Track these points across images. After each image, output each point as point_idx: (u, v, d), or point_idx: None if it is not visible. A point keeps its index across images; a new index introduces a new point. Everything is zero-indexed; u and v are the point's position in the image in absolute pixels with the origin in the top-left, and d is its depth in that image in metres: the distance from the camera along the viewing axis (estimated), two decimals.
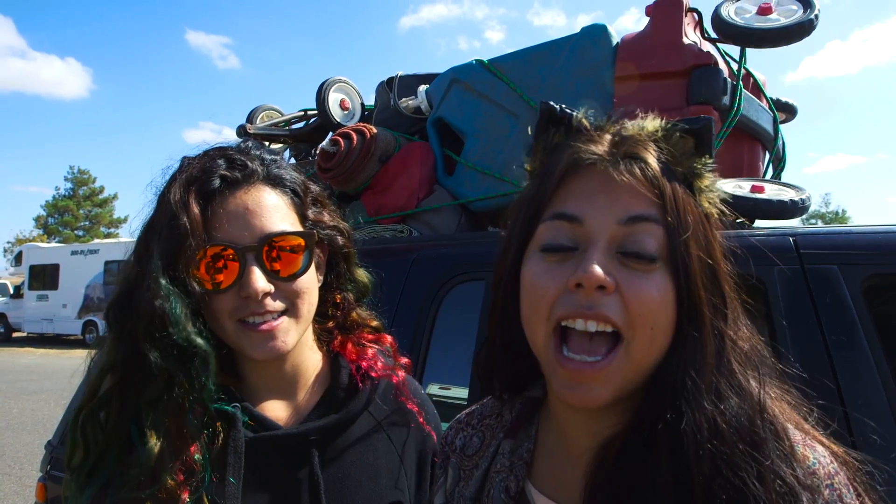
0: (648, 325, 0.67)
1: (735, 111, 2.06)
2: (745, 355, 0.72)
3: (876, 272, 1.43)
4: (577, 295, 0.67)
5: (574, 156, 0.73)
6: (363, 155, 2.52)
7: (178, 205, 0.86)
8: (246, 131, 3.11)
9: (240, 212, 0.89)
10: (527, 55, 2.38)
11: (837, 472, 0.68)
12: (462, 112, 2.53)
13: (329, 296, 1.06)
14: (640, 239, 0.68)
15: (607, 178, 0.70)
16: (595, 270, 0.65)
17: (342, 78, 3.06)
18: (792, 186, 2.11)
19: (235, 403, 0.91)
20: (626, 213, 0.68)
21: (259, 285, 0.87)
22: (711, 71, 2.03)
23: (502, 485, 0.81)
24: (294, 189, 0.97)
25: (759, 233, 1.68)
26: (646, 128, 0.75)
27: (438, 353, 1.94)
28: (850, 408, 1.31)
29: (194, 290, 0.86)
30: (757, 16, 2.07)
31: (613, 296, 0.67)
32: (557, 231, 0.71)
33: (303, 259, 0.93)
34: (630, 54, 2.14)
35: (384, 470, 1.01)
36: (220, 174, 0.90)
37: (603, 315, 0.67)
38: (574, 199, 0.71)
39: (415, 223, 2.54)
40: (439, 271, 1.96)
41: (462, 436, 0.93)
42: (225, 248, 0.87)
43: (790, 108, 2.91)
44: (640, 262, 0.68)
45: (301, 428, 0.95)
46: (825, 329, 1.39)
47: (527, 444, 0.84)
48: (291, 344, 0.92)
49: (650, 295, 0.67)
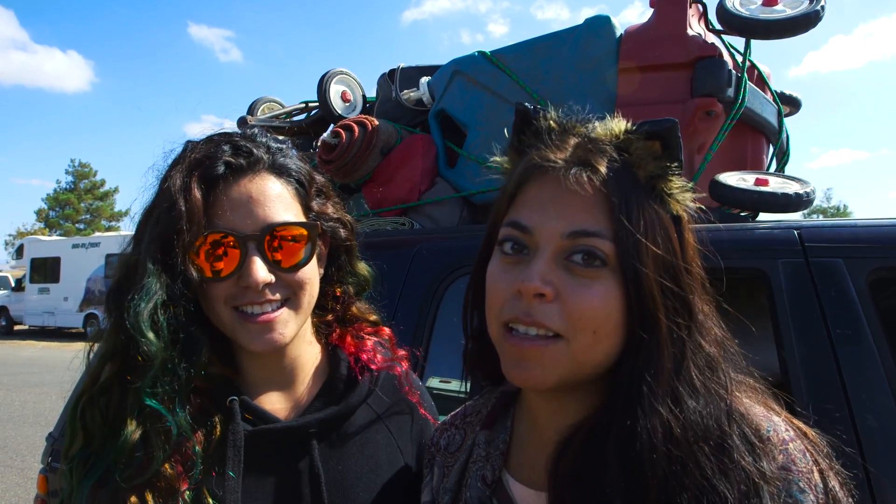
0: (590, 329, 0.70)
1: (739, 103, 2.05)
2: (710, 358, 0.73)
3: (881, 265, 1.42)
4: (520, 301, 0.71)
5: (531, 162, 0.76)
6: (365, 147, 2.51)
7: (178, 190, 0.85)
8: (246, 123, 3.10)
9: (243, 199, 0.88)
10: (530, 47, 2.36)
11: (793, 440, 0.70)
12: (464, 104, 2.51)
13: (329, 288, 1.05)
14: (585, 249, 0.70)
15: (559, 187, 0.72)
16: (532, 281, 0.69)
17: (343, 70, 3.04)
18: (796, 179, 2.10)
19: (233, 397, 0.90)
20: (571, 227, 0.71)
21: (260, 275, 0.86)
22: (716, 63, 2.01)
23: (479, 474, 0.85)
24: (299, 179, 0.96)
25: (764, 226, 1.67)
26: (612, 129, 0.76)
27: (440, 346, 1.93)
28: (854, 402, 1.30)
29: (192, 277, 0.84)
30: (762, 7, 2.05)
31: (553, 303, 0.70)
32: (511, 236, 0.75)
33: (305, 250, 0.91)
34: (634, 46, 2.12)
35: (385, 462, 1.00)
36: (225, 160, 0.88)
37: (538, 322, 0.70)
38: (528, 208, 0.75)
39: (416, 216, 2.52)
40: (441, 264, 1.96)
41: (446, 436, 0.96)
42: (226, 236, 0.86)
43: (794, 101, 2.89)
44: (584, 270, 0.70)
45: (300, 421, 0.94)
46: (830, 323, 1.39)
47: (503, 435, 0.87)
48: (290, 336, 0.91)
49: (591, 302, 0.70)
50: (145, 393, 0.81)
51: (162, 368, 0.81)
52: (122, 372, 0.83)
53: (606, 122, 0.77)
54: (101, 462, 0.81)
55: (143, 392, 0.81)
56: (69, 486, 0.83)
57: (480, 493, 0.83)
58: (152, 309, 0.82)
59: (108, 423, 0.82)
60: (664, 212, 0.74)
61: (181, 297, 0.84)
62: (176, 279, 0.84)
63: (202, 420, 0.87)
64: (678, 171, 0.75)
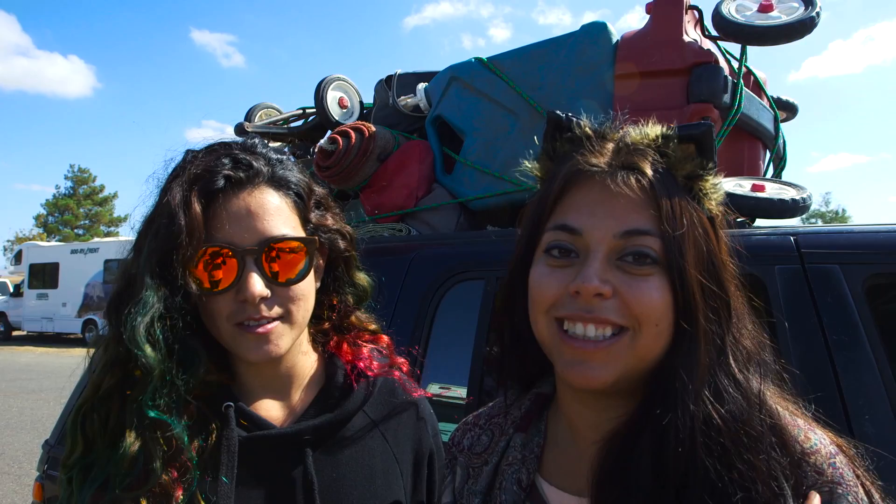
0: (654, 321, 0.71)
1: (735, 109, 2.05)
2: (748, 354, 0.75)
3: (877, 271, 1.42)
4: (576, 301, 0.72)
5: (575, 167, 0.77)
6: (362, 153, 2.51)
7: (178, 204, 0.86)
8: (244, 129, 3.10)
9: (242, 213, 0.89)
10: (526, 53, 2.36)
11: (838, 453, 0.72)
12: (461, 110, 2.51)
13: (325, 298, 1.05)
14: (636, 248, 0.72)
15: (605, 190, 0.74)
16: (592, 280, 0.70)
17: (341, 76, 3.05)
18: (792, 185, 2.10)
19: (229, 403, 0.90)
20: (623, 226, 0.72)
21: (256, 289, 0.87)
22: (712, 69, 2.02)
23: (514, 477, 0.85)
24: (298, 191, 0.96)
25: (760, 232, 1.67)
26: (648, 134, 0.78)
27: (437, 352, 1.93)
28: (851, 408, 1.30)
29: (191, 291, 0.85)
30: (758, 13, 2.06)
31: (612, 300, 0.71)
32: (559, 239, 0.76)
33: (302, 264, 0.92)
34: (630, 52, 2.12)
35: (379, 470, 1.00)
36: (225, 174, 0.89)
37: (601, 318, 0.71)
38: (575, 211, 0.76)
39: (414, 222, 2.52)
40: (438, 270, 1.95)
41: (469, 436, 0.97)
42: (223, 249, 0.87)
43: (791, 106, 2.90)
44: (638, 268, 0.72)
45: (295, 427, 0.95)
46: (826, 329, 1.38)
47: (537, 438, 0.88)
48: (285, 348, 0.92)
49: (650, 296, 0.71)
50: (146, 405, 0.81)
51: (161, 381, 0.82)
52: (121, 383, 0.84)
53: (640, 127, 0.79)
54: (100, 471, 0.82)
55: (144, 405, 0.81)
56: (67, 494, 0.84)
57: (516, 496, 0.83)
58: (149, 322, 0.82)
59: (109, 432, 0.83)
60: (702, 211, 0.76)
61: (180, 309, 0.85)
62: (175, 292, 0.84)
63: (198, 426, 0.87)
64: (713, 171, 0.78)
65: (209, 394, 0.90)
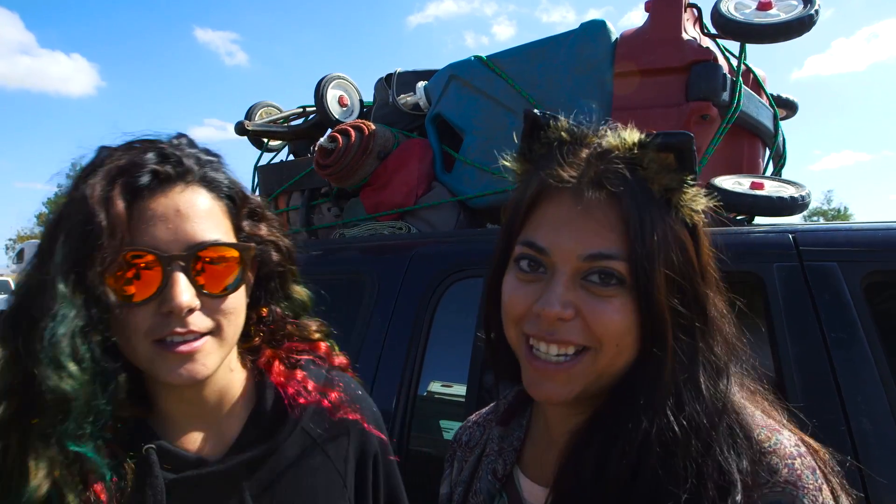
0: (614, 342, 0.72)
1: (735, 107, 2.05)
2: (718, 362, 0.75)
3: (876, 269, 1.42)
4: (539, 322, 0.73)
5: (545, 181, 0.76)
6: (361, 151, 2.52)
7: (98, 201, 0.74)
8: (244, 128, 3.11)
9: (170, 214, 0.78)
10: (526, 51, 2.36)
11: (802, 456, 0.70)
12: (460, 108, 2.52)
13: (253, 312, 0.96)
14: (601, 270, 0.72)
15: (574, 207, 0.73)
16: (553, 305, 0.71)
17: (340, 74, 3.05)
18: (791, 183, 2.10)
19: (150, 445, 0.80)
20: (587, 249, 0.72)
21: (184, 299, 0.76)
22: (711, 67, 2.02)
23: (490, 467, 0.87)
24: (231, 195, 0.87)
25: (759, 230, 1.67)
26: (626, 141, 0.75)
27: (437, 350, 1.93)
28: (849, 405, 1.30)
29: (110, 302, 0.74)
30: (757, 11, 2.06)
31: (575, 321, 0.72)
32: (527, 254, 0.76)
33: (236, 274, 0.83)
34: (629, 50, 2.12)
35: (321, 487, 0.94)
36: (152, 168, 0.79)
37: (563, 339, 0.72)
38: (543, 229, 0.75)
39: (413, 220, 2.53)
40: (438, 268, 1.96)
41: (469, 432, 1.01)
42: (147, 254, 0.76)
43: (791, 104, 2.90)
44: (602, 289, 0.72)
45: (228, 464, 0.86)
46: (825, 327, 1.39)
47: (518, 432, 0.90)
48: (212, 368, 0.81)
49: (611, 318, 0.71)
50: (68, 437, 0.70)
51: (86, 406, 0.71)
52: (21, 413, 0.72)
53: (618, 131, 0.76)
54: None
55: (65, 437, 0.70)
56: None
57: (490, 485, 0.86)
58: (71, 337, 0.71)
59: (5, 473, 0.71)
60: (679, 224, 0.74)
61: (99, 323, 0.74)
62: (92, 304, 0.73)
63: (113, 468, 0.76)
64: (693, 182, 0.75)
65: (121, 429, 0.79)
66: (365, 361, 1.84)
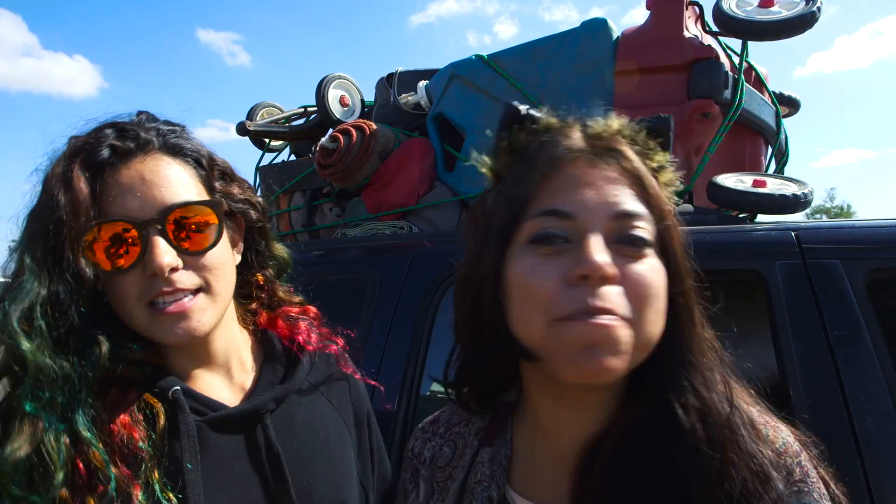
0: (653, 307, 0.67)
1: (736, 105, 2.05)
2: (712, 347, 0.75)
3: (879, 266, 1.42)
4: (579, 289, 0.64)
5: (555, 151, 0.72)
6: (363, 151, 2.51)
7: (58, 178, 0.78)
8: (246, 128, 3.11)
9: (136, 183, 0.81)
10: (527, 50, 2.36)
11: (802, 451, 0.71)
12: (462, 108, 2.51)
13: (251, 277, 1.01)
14: (630, 231, 0.68)
15: (592, 173, 0.70)
16: (600, 259, 0.64)
17: (342, 74, 3.05)
18: (794, 181, 2.09)
19: (176, 387, 0.84)
20: (617, 208, 0.68)
21: (165, 259, 0.79)
22: (712, 64, 2.01)
23: (484, 494, 0.79)
24: (197, 159, 0.89)
25: (761, 227, 1.67)
26: (611, 126, 0.75)
27: (439, 349, 1.93)
28: (852, 404, 1.30)
29: (84, 273, 0.77)
30: (758, 8, 2.05)
31: (619, 286, 0.65)
32: (548, 227, 0.69)
33: (213, 231, 0.85)
34: (631, 48, 2.12)
35: (333, 435, 0.99)
36: (110, 143, 0.81)
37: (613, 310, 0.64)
38: (562, 196, 0.70)
39: (415, 220, 2.53)
40: (440, 268, 1.95)
41: (430, 446, 0.91)
42: (119, 223, 0.79)
43: (793, 101, 2.89)
44: (636, 250, 0.68)
45: (254, 403, 0.90)
46: (828, 324, 1.38)
47: (504, 449, 0.82)
48: (208, 325, 0.84)
49: (649, 277, 0.68)
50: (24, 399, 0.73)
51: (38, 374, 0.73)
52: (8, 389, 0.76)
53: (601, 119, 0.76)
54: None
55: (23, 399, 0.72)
56: None
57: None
58: (27, 309, 0.74)
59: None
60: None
61: (72, 294, 0.76)
62: (63, 277, 0.76)
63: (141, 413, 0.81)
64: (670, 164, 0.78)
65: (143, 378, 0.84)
66: (367, 361, 1.84)
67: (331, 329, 1.12)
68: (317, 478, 0.92)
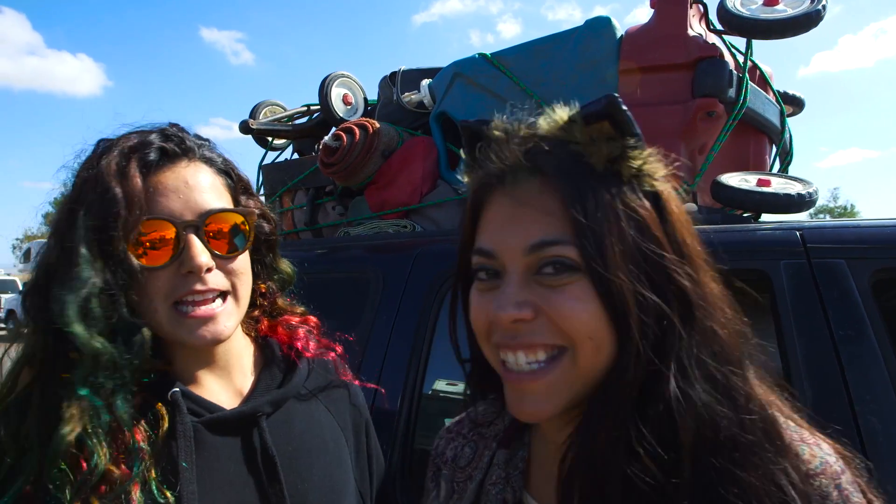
0: (586, 335, 0.64)
1: (741, 104, 2.04)
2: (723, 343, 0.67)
3: (884, 266, 1.41)
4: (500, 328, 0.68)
5: (481, 182, 0.73)
6: (366, 150, 2.51)
7: (114, 174, 0.82)
8: (249, 127, 3.11)
9: (179, 185, 0.87)
10: (530, 48, 2.36)
11: (844, 471, 0.66)
12: (465, 106, 2.51)
13: (254, 285, 1.04)
14: (550, 260, 0.66)
15: (513, 201, 0.69)
16: (505, 308, 0.66)
17: (345, 73, 3.05)
18: (798, 180, 2.09)
19: (175, 389, 0.87)
20: (529, 240, 0.66)
21: (202, 259, 0.84)
22: (717, 63, 2.01)
23: (499, 497, 0.79)
24: (227, 172, 0.96)
25: (766, 227, 1.66)
26: (557, 121, 0.70)
27: (442, 348, 1.93)
28: (857, 404, 1.29)
29: (132, 265, 0.81)
30: (763, 7, 2.04)
31: (539, 321, 0.66)
32: (480, 263, 0.72)
33: (241, 237, 0.91)
34: (634, 47, 2.11)
35: (330, 440, 1.01)
36: (159, 146, 0.87)
37: (528, 343, 0.66)
38: (488, 231, 0.72)
39: (418, 218, 2.53)
40: (442, 266, 1.95)
41: (453, 446, 0.91)
42: (162, 221, 0.84)
43: (797, 100, 2.88)
44: (557, 279, 0.65)
45: (251, 406, 0.93)
46: (832, 324, 1.37)
47: (521, 452, 0.83)
48: (232, 328, 0.90)
49: (571, 307, 0.64)
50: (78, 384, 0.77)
51: (95, 361, 0.77)
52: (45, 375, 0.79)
53: (549, 114, 0.71)
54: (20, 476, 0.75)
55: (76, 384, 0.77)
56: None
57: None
58: (84, 298, 0.78)
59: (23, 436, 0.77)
60: (634, 195, 0.67)
61: (122, 285, 0.81)
62: (116, 267, 0.81)
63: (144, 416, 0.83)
64: (638, 145, 0.68)
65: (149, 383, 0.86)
66: (370, 360, 1.84)
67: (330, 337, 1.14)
68: (312, 482, 0.94)
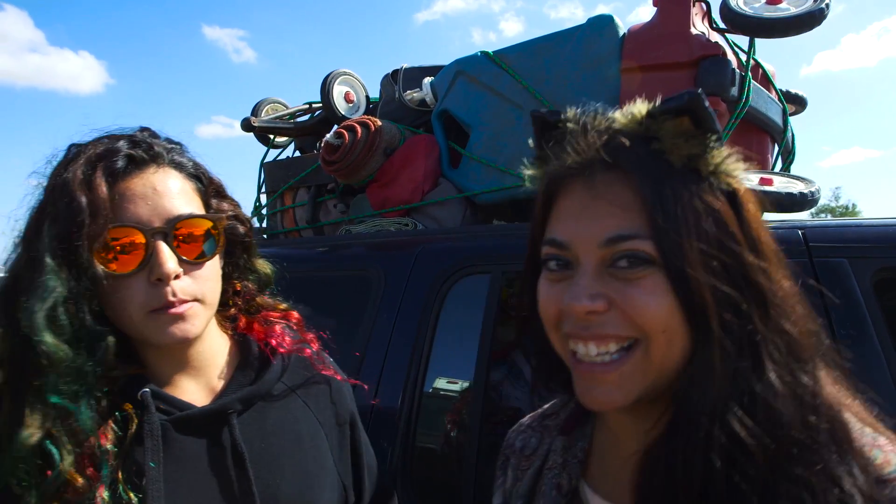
0: (659, 329, 0.64)
1: (743, 103, 2.04)
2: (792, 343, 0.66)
3: (886, 265, 1.41)
4: (572, 318, 0.68)
5: (556, 173, 0.72)
6: (368, 148, 2.51)
7: (80, 183, 0.82)
8: (251, 124, 3.11)
9: (147, 192, 0.86)
10: (532, 47, 2.35)
11: None
12: (467, 104, 2.51)
13: (228, 286, 1.04)
14: (626, 254, 0.65)
15: (588, 193, 0.68)
16: (579, 299, 0.65)
17: (347, 70, 3.05)
18: (801, 179, 2.08)
19: (144, 389, 0.87)
20: (606, 233, 0.65)
21: (170, 266, 0.84)
22: (719, 62, 2.00)
23: (554, 481, 0.80)
24: (198, 176, 0.95)
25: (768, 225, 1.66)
26: (635, 116, 0.70)
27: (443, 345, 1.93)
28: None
29: (98, 273, 0.81)
30: (766, 5, 2.04)
31: (611, 313, 0.65)
32: (551, 253, 0.71)
33: (209, 243, 0.91)
34: (637, 45, 2.11)
35: (306, 435, 1.01)
36: (127, 153, 0.87)
37: (600, 335, 0.66)
38: (561, 222, 0.71)
39: (419, 216, 2.52)
40: (444, 265, 1.95)
41: (522, 437, 0.93)
42: (130, 228, 0.84)
43: (800, 99, 2.87)
44: (632, 272, 0.65)
45: (219, 403, 0.93)
46: (834, 324, 1.37)
47: (581, 443, 0.82)
48: (200, 328, 0.90)
49: (645, 301, 0.64)
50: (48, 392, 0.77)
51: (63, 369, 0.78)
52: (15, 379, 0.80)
53: (627, 109, 0.71)
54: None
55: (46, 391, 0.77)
56: None
57: (555, 501, 0.78)
58: (51, 307, 0.78)
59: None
60: (712, 193, 0.66)
61: (86, 293, 0.82)
62: (81, 276, 0.81)
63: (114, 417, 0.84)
64: (718, 143, 0.68)
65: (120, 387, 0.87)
66: (371, 358, 1.84)
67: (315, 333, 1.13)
68: (284, 478, 0.95)
